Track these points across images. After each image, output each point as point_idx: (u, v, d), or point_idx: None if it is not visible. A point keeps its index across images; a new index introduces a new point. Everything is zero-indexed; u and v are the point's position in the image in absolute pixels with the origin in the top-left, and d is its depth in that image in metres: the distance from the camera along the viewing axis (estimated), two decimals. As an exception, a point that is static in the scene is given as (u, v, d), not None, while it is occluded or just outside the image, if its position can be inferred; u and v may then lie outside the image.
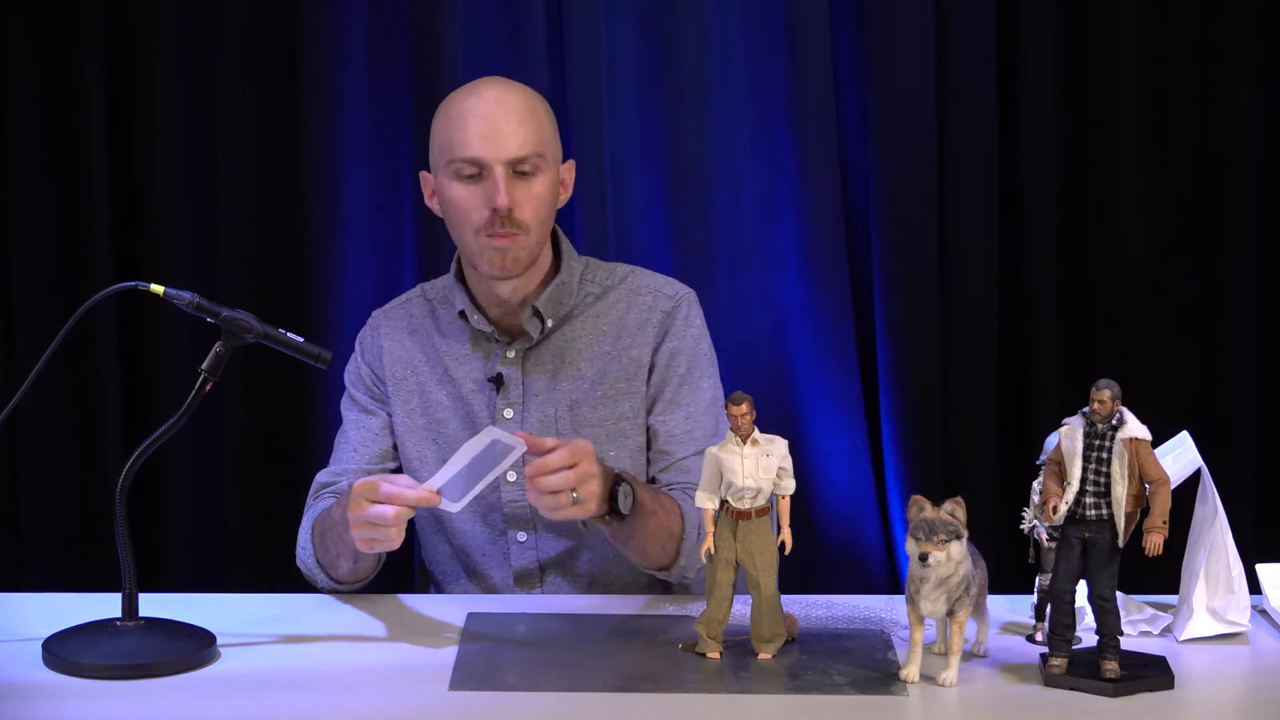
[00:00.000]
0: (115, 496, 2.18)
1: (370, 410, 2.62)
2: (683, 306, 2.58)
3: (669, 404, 2.55)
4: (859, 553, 3.40)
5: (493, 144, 2.44)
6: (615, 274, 2.62)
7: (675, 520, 2.41)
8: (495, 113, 2.45)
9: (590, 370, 2.55)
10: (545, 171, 2.48)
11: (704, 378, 2.57)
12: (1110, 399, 2.02)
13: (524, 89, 2.52)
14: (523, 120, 2.46)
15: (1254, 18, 3.31)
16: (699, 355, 2.57)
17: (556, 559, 2.56)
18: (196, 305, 2.23)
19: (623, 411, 2.54)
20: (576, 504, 2.21)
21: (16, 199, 3.31)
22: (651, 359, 2.56)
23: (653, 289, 2.60)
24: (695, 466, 2.46)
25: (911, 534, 2.03)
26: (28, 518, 3.38)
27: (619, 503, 2.29)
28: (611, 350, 2.55)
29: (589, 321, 2.57)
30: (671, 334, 2.57)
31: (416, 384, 2.59)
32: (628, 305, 2.58)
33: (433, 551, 2.64)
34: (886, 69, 3.33)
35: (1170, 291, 3.38)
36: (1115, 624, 2.05)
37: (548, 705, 2.02)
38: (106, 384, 3.32)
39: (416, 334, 2.62)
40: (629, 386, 2.55)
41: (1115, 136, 3.34)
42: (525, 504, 2.54)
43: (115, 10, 3.29)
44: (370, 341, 2.65)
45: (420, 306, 2.65)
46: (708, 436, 2.52)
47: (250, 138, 3.33)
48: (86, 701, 2.03)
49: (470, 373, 2.57)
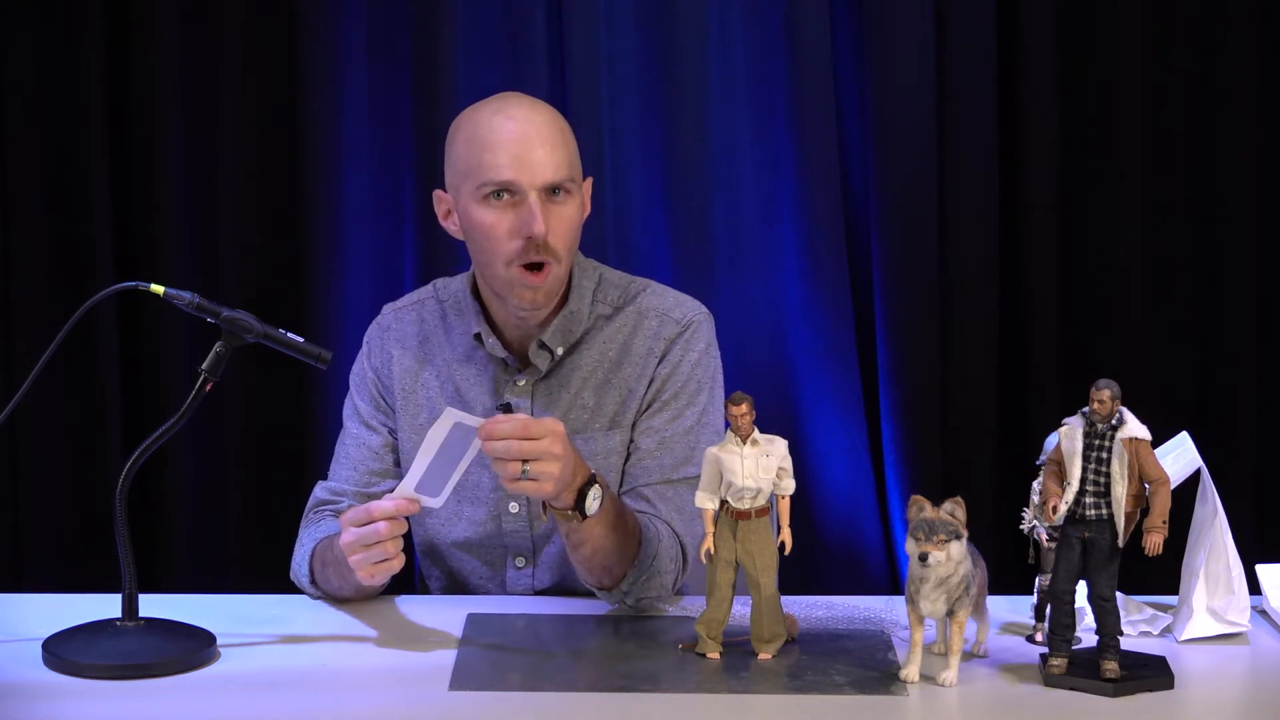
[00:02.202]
0: (115, 496, 2.18)
1: (372, 426, 2.53)
2: (687, 331, 2.47)
3: (644, 429, 2.45)
4: (859, 553, 3.41)
5: (528, 168, 2.33)
6: (627, 292, 2.51)
7: (633, 546, 2.31)
8: (527, 134, 2.35)
9: (592, 400, 2.47)
10: (576, 193, 2.39)
11: (689, 405, 2.46)
12: (1110, 399, 2.02)
13: (548, 108, 2.42)
14: (554, 142, 2.36)
15: (1254, 18, 3.32)
16: (690, 381, 2.46)
17: (551, 589, 2.52)
18: (196, 305, 2.23)
19: (612, 445, 2.46)
20: (528, 478, 2.13)
21: (16, 199, 3.31)
22: (647, 386, 2.46)
23: (660, 312, 2.48)
24: (655, 496, 2.41)
25: (911, 534, 2.03)
26: (28, 518, 3.38)
27: (586, 502, 2.21)
28: (612, 379, 2.47)
29: (596, 348, 2.47)
30: (668, 359, 2.46)
31: (425, 399, 2.51)
32: (634, 330, 2.48)
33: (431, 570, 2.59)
34: (886, 69, 3.33)
35: (1170, 292, 3.38)
36: (1115, 624, 2.05)
37: (548, 705, 2.02)
38: (106, 384, 3.32)
39: (427, 343, 2.53)
40: (619, 420, 2.46)
41: (1115, 136, 3.34)
42: (527, 534, 2.49)
43: (115, 10, 3.29)
44: (379, 345, 2.56)
45: (433, 310, 2.55)
46: (676, 464, 2.42)
47: (250, 138, 3.34)
48: (86, 701, 2.03)
49: (480, 397, 2.49)
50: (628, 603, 2.36)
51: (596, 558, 2.29)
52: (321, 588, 2.41)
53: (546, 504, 2.24)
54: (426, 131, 3.31)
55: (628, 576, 2.32)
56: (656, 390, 2.46)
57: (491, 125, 2.37)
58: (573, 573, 2.42)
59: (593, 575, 2.33)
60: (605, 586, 2.34)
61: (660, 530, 2.37)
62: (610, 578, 2.32)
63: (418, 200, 3.34)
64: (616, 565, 2.31)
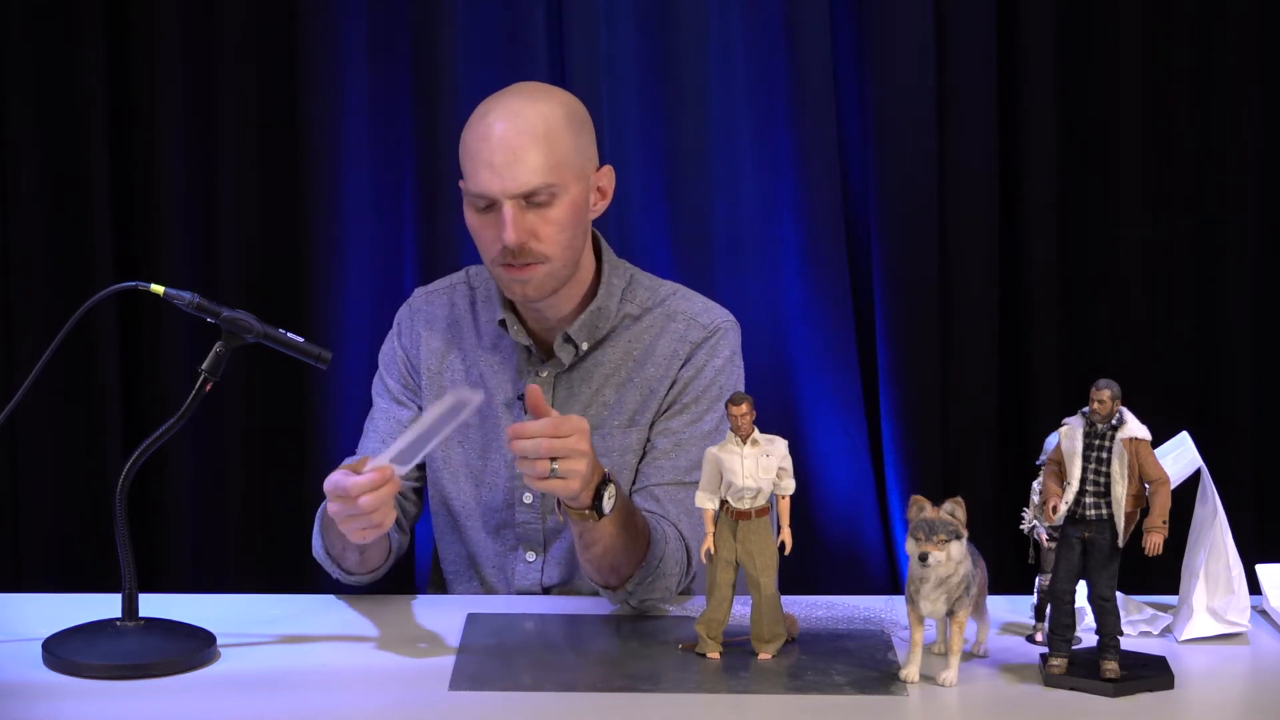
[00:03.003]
0: (115, 496, 2.18)
1: (402, 401, 2.56)
2: (713, 337, 2.49)
3: (661, 429, 2.47)
4: (859, 553, 3.40)
5: (500, 179, 2.35)
6: (657, 295, 2.53)
7: (641, 546, 2.33)
8: (506, 143, 2.35)
9: (613, 397, 2.49)
10: (565, 194, 2.38)
11: (709, 410, 2.47)
12: (1110, 399, 2.02)
13: (541, 104, 2.41)
14: (534, 148, 2.35)
15: (1254, 19, 3.31)
16: (711, 387, 2.48)
17: (560, 585, 2.54)
18: (196, 305, 2.23)
19: (629, 444, 2.48)
20: (556, 476, 2.14)
21: (16, 199, 3.31)
22: (668, 389, 2.48)
23: (688, 316, 2.50)
24: (665, 497, 2.42)
25: (911, 534, 2.03)
26: (28, 518, 3.38)
27: (603, 502, 2.22)
28: (635, 378, 2.48)
29: (621, 346, 2.49)
30: (692, 363, 2.48)
31: (450, 381, 2.53)
32: (660, 331, 2.49)
33: (447, 550, 2.62)
34: (886, 69, 3.33)
35: (1170, 291, 3.38)
36: (1115, 624, 2.05)
37: (548, 705, 2.02)
38: (106, 384, 3.32)
39: (456, 326, 2.55)
40: (638, 419, 2.48)
41: (1115, 136, 3.34)
42: (538, 526, 2.51)
43: (115, 10, 3.29)
44: (409, 326, 2.58)
45: (463, 295, 2.57)
46: (689, 469, 2.43)
47: (250, 137, 3.33)
48: (86, 701, 2.03)
49: (502, 385, 2.51)
50: (631, 603, 2.37)
51: (606, 557, 2.30)
52: (331, 552, 2.44)
53: (561, 503, 2.24)
54: (426, 131, 3.31)
55: (633, 577, 2.33)
56: (678, 393, 2.48)
57: (479, 131, 2.39)
58: (580, 571, 2.43)
59: (600, 574, 2.34)
60: (611, 586, 2.35)
61: (668, 533, 2.37)
62: (617, 577, 2.33)
63: (418, 200, 3.34)
64: (624, 565, 2.31)
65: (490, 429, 2.53)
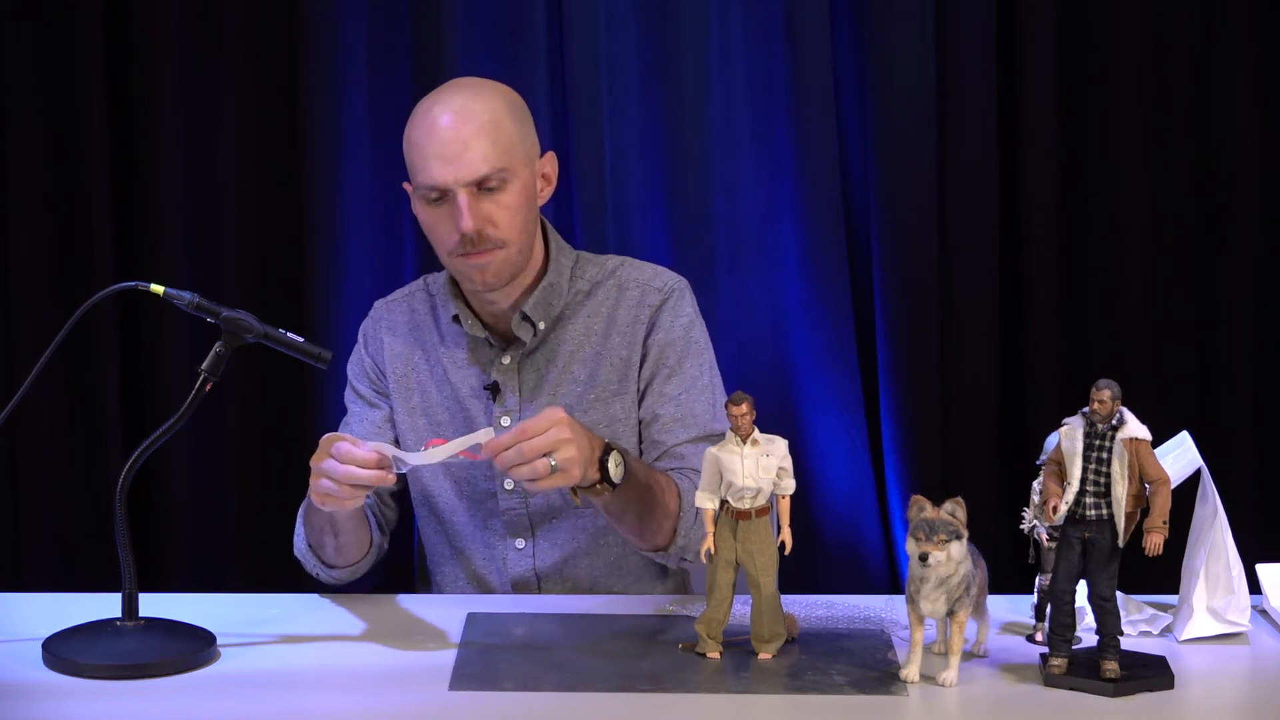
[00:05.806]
0: (115, 496, 2.18)
1: (374, 403, 2.63)
2: (671, 298, 2.56)
3: (659, 396, 2.53)
4: (859, 553, 3.40)
5: (453, 168, 2.41)
6: (604, 268, 2.60)
7: (672, 498, 2.38)
8: (454, 134, 2.42)
9: (583, 373, 2.54)
10: (515, 179, 2.45)
11: (694, 366, 2.54)
12: (1110, 399, 2.02)
13: (483, 95, 2.48)
14: (481, 136, 2.42)
15: (1254, 19, 3.31)
16: (689, 344, 2.55)
17: (553, 568, 2.56)
18: (196, 305, 2.23)
19: (614, 413, 2.54)
20: (555, 472, 2.15)
21: (16, 198, 3.31)
22: (641, 354, 2.55)
23: (640, 283, 2.58)
24: (690, 453, 2.47)
25: (911, 534, 2.03)
26: (28, 518, 3.37)
27: (609, 471, 2.23)
28: (602, 350, 2.54)
29: (580, 322, 2.56)
30: (659, 327, 2.55)
31: (416, 382, 2.61)
32: (616, 301, 2.57)
33: (435, 550, 2.63)
34: (886, 69, 3.32)
35: (1170, 291, 3.38)
36: (1115, 624, 2.05)
37: (548, 705, 2.02)
38: (106, 384, 3.32)
39: (418, 330, 2.62)
40: (620, 387, 2.54)
41: (1115, 136, 3.34)
42: (523, 512, 2.54)
43: (115, 12, 3.29)
44: (373, 334, 2.66)
45: (422, 301, 2.65)
46: (702, 422, 2.50)
47: (250, 138, 3.33)
48: (86, 701, 2.03)
49: (467, 379, 2.57)
50: (688, 558, 2.43)
51: (642, 520, 2.35)
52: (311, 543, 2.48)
53: (576, 490, 2.26)
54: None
55: (679, 530, 2.38)
56: (657, 358, 2.54)
57: (423, 126, 2.46)
58: (575, 552, 2.47)
59: (645, 539, 2.39)
60: (661, 546, 2.40)
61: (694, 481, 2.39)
62: (663, 536, 2.38)
63: (418, 200, 3.34)
64: (664, 519, 2.37)
65: (459, 424, 2.56)
